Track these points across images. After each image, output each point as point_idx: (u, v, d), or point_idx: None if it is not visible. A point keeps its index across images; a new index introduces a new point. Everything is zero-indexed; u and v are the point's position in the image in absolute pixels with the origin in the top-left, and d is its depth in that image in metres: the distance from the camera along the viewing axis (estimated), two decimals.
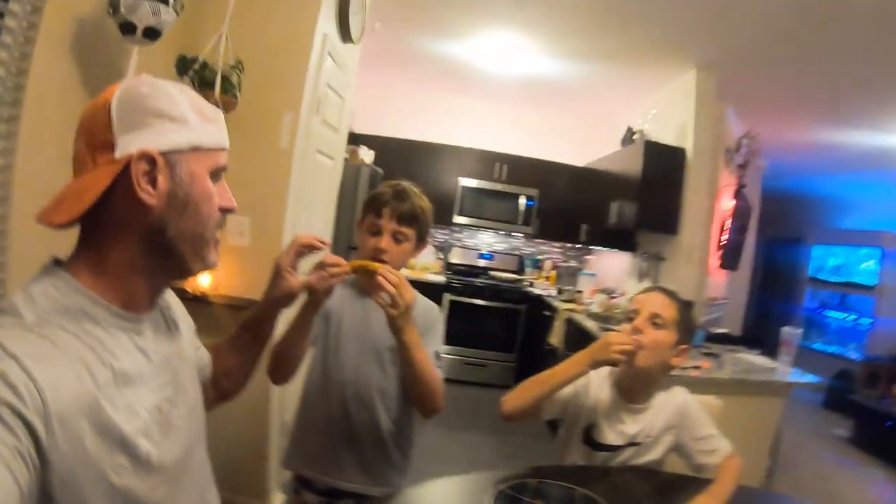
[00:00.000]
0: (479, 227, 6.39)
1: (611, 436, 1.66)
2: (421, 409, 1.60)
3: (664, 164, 4.36)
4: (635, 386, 1.70)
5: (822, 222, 8.49)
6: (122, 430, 0.79)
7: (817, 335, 7.80)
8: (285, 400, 2.90)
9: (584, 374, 1.59)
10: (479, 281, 5.93)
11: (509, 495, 1.32)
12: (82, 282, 0.84)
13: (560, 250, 6.85)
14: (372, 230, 1.60)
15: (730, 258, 4.56)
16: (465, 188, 6.08)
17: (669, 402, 1.70)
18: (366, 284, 1.60)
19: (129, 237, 0.86)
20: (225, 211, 0.97)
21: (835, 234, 8.08)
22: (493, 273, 6.38)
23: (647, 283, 4.79)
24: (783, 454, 3.66)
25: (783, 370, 3.19)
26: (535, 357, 5.62)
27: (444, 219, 6.07)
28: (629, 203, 4.53)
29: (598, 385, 1.72)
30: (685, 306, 1.69)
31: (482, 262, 6.54)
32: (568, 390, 1.65)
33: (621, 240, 5.27)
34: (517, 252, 6.78)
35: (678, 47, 4.05)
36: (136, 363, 0.87)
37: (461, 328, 5.61)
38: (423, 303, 1.66)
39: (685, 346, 1.67)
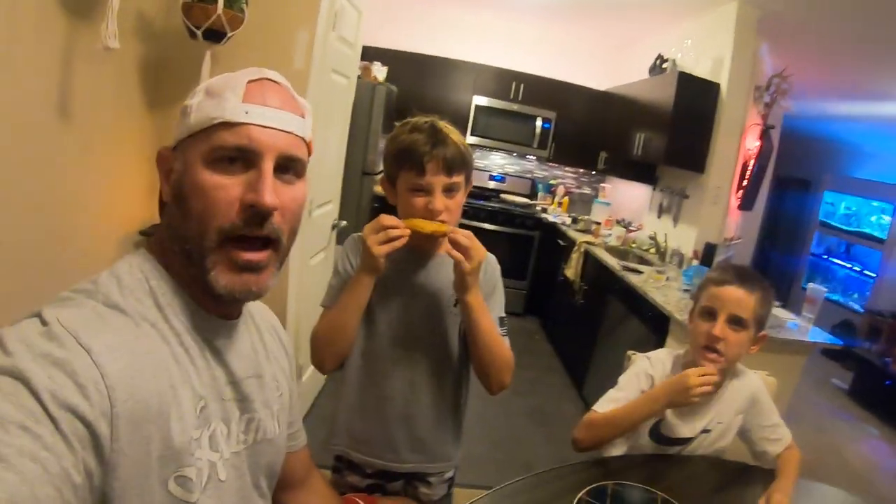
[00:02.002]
0: (491, 149, 6.13)
1: (681, 429, 1.58)
2: (486, 383, 1.43)
3: (697, 99, 4.07)
4: None
5: (836, 168, 8.13)
6: (189, 438, 0.75)
7: (821, 282, 7.64)
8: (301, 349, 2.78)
9: (658, 415, 1.55)
10: (491, 205, 5.74)
11: (589, 502, 1.24)
12: (166, 269, 0.81)
13: (573, 176, 6.61)
14: (416, 189, 1.34)
15: (749, 199, 4.36)
16: (478, 107, 5.80)
17: (743, 389, 1.62)
18: (422, 247, 1.41)
19: (171, 237, 0.82)
20: (250, 208, 0.77)
21: (848, 182, 7.74)
22: (504, 196, 6.18)
23: (667, 220, 4.62)
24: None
25: (805, 327, 3.05)
26: (548, 286, 5.53)
27: None
28: (657, 135, 4.28)
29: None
30: (763, 292, 1.54)
31: (493, 185, 6.34)
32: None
33: (641, 172, 5.03)
34: (529, 175, 6.54)
35: None
36: (209, 367, 0.82)
37: None
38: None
39: (763, 333, 1.56)
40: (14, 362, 0.60)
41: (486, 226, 5.61)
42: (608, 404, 1.56)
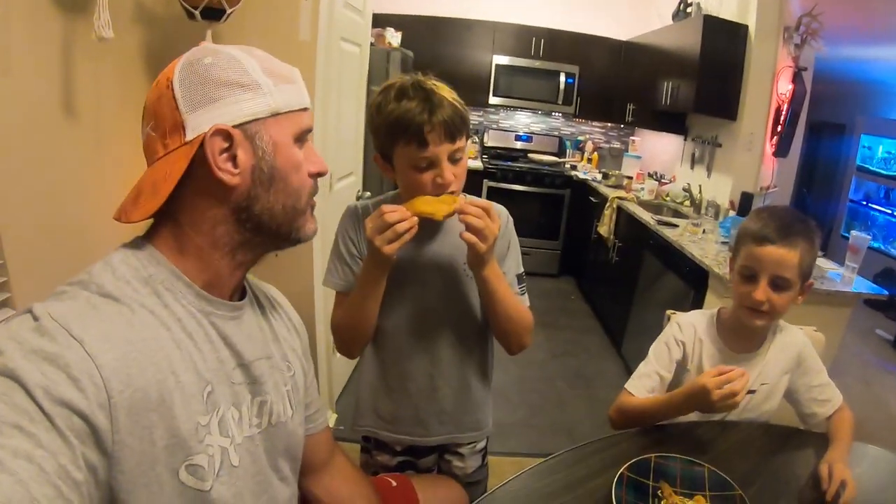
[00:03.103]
0: (515, 108, 6.00)
1: None
2: (506, 346, 1.40)
3: (724, 42, 3.88)
4: (747, 337, 1.52)
5: (872, 111, 7.65)
6: (196, 424, 0.74)
7: (861, 228, 7.29)
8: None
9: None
10: (518, 165, 5.64)
11: (631, 479, 1.17)
12: (166, 257, 0.79)
13: (601, 130, 6.43)
14: (420, 165, 1.20)
15: (784, 145, 4.17)
16: (499, 66, 5.66)
17: (788, 347, 1.52)
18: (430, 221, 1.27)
19: (215, 217, 0.81)
20: (316, 176, 0.89)
21: (886, 124, 7.27)
22: (531, 156, 6.05)
23: (700, 170, 4.47)
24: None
25: (849, 277, 2.89)
26: (581, 245, 5.44)
27: (478, 100, 5.70)
28: (685, 83, 4.11)
29: (698, 349, 1.55)
30: (807, 242, 1.40)
31: (519, 145, 6.20)
32: (665, 373, 1.53)
33: (671, 122, 4.86)
34: (556, 133, 6.38)
35: None
36: (215, 351, 0.81)
37: None
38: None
39: (810, 282, 1.45)
40: (5, 361, 0.60)
41: (515, 187, 5.52)
42: (639, 381, 1.51)
